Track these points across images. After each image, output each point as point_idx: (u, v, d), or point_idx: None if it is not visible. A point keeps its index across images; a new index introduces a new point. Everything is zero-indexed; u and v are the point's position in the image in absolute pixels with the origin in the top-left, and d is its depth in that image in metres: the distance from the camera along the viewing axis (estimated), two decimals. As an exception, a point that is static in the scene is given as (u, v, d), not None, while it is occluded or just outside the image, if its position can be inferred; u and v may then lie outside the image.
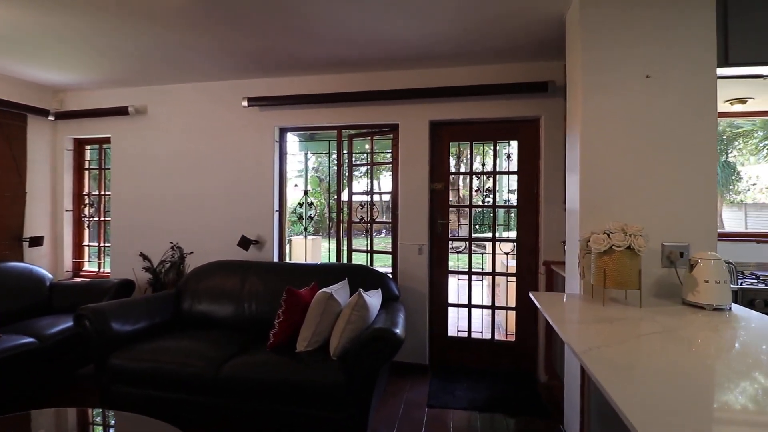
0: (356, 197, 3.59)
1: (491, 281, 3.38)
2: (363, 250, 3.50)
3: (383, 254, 3.49)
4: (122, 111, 3.58)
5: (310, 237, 3.77)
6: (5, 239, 3.45)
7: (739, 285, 2.11)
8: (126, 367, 2.26)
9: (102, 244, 4.00)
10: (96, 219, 4.02)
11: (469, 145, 3.27)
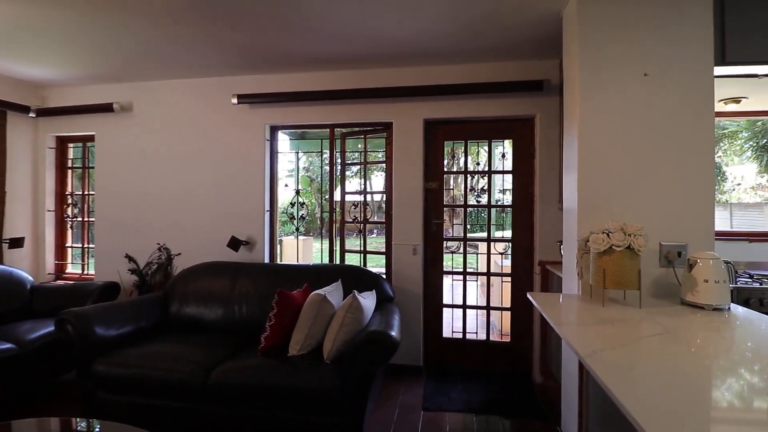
0: (349, 197, 3.53)
1: (486, 281, 3.35)
2: (356, 251, 3.45)
3: (376, 255, 3.44)
4: (107, 108, 3.46)
5: (302, 237, 3.70)
6: (-17, 241, 3.32)
7: (735, 284, 2.11)
8: (110, 374, 2.18)
9: (86, 246, 3.88)
10: (79, 219, 3.89)
11: (464, 144, 3.24)
